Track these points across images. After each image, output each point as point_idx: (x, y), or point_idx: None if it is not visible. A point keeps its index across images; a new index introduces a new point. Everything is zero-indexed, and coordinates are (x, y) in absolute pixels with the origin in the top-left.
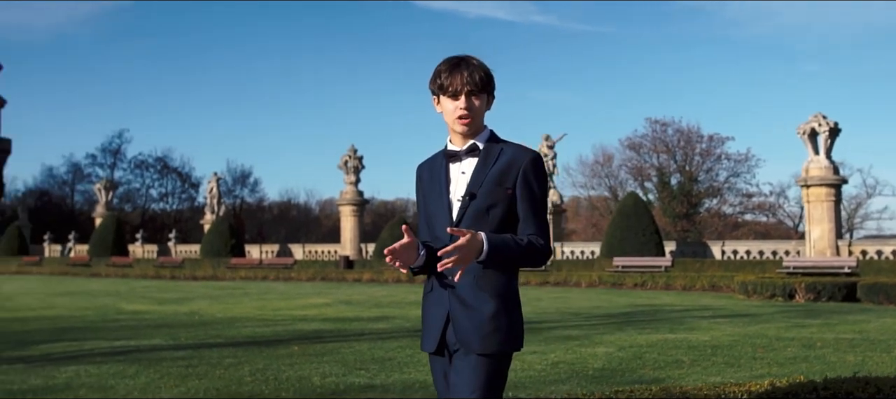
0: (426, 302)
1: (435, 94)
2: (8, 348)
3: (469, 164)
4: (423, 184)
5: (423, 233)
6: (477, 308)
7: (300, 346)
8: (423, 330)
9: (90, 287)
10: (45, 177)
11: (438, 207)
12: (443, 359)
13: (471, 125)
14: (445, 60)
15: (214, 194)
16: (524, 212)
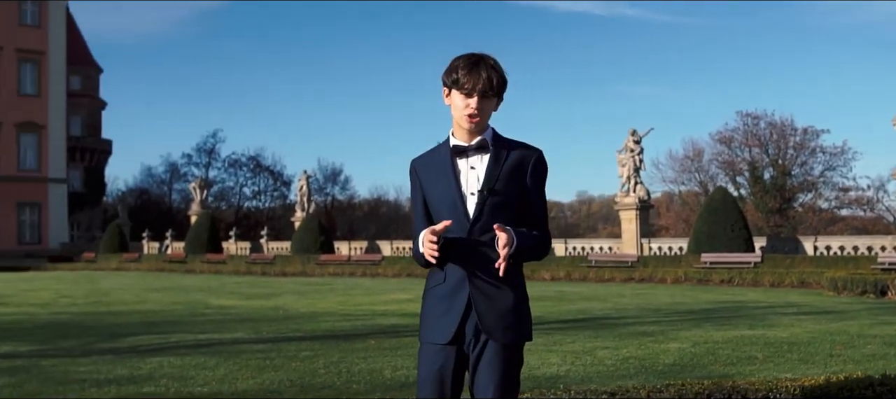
0: (435, 293)
1: (447, 86)
2: (100, 340)
3: (479, 159)
4: (426, 178)
5: (420, 226)
6: (500, 300)
7: (376, 340)
8: (429, 320)
9: (183, 283)
10: (145, 176)
11: (447, 201)
12: (451, 349)
13: (478, 125)
14: (464, 57)
15: (304, 192)
16: (532, 207)
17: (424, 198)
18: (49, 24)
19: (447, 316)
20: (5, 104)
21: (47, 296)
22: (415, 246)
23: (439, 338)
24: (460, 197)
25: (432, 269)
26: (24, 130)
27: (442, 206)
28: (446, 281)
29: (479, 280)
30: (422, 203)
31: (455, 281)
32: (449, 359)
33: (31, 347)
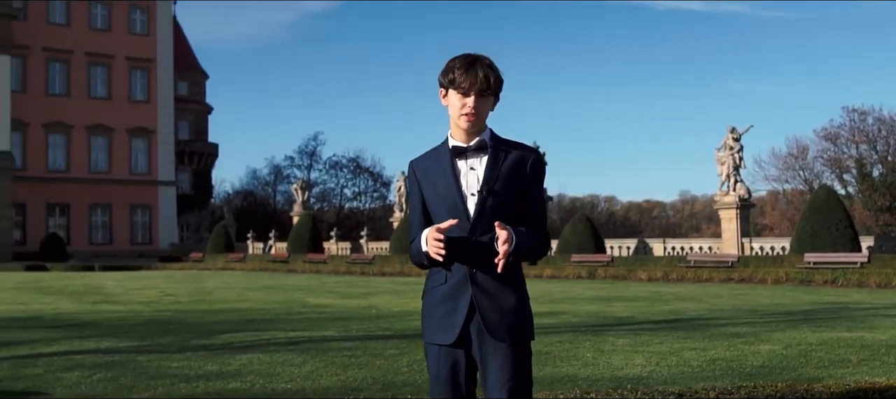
0: (436, 294)
1: (444, 87)
2: (197, 337)
3: (478, 160)
4: (425, 179)
5: (417, 227)
6: (503, 300)
7: None
8: (432, 321)
9: (284, 282)
10: (250, 178)
11: (447, 201)
12: (457, 351)
13: (475, 124)
14: (460, 57)
15: (402, 193)
16: (531, 208)
17: (423, 199)
18: (157, 33)
19: (451, 317)
20: (118, 110)
21: (153, 294)
22: (413, 246)
23: (444, 338)
24: (461, 197)
25: (432, 270)
26: (135, 135)
27: (442, 206)
28: (447, 281)
29: (482, 280)
30: (420, 204)
31: (456, 281)
32: (457, 359)
33: (131, 343)
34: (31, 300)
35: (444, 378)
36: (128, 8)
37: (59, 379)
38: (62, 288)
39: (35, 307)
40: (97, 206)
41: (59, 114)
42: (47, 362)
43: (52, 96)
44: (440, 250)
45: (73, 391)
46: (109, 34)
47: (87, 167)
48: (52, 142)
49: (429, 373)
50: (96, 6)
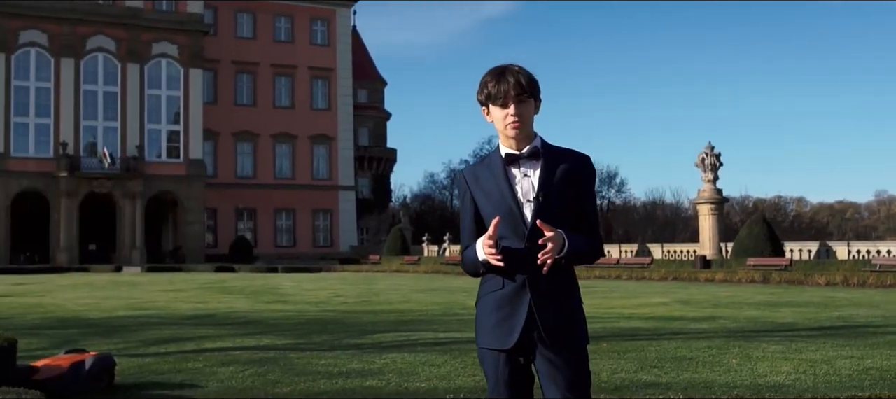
0: (493, 299)
1: (483, 104)
2: (350, 336)
3: (531, 166)
4: (477, 187)
5: (469, 236)
6: (560, 305)
7: (609, 344)
8: (488, 326)
9: (452, 284)
10: (427, 182)
11: (502, 209)
12: (515, 357)
13: (522, 129)
14: (489, 71)
15: None
16: (586, 213)
17: (475, 207)
18: (337, 43)
19: (508, 322)
20: (300, 119)
21: (324, 295)
22: (465, 254)
23: (501, 344)
24: (516, 204)
25: (487, 276)
26: (316, 142)
27: (496, 214)
28: (505, 287)
29: (539, 286)
30: (472, 213)
31: (514, 287)
32: (516, 365)
33: (288, 341)
34: (211, 299)
35: (503, 384)
36: (309, 20)
37: (214, 373)
38: (242, 288)
39: (212, 306)
40: (282, 211)
41: (247, 123)
42: (208, 357)
43: (240, 107)
44: (497, 258)
45: (223, 385)
46: (292, 46)
47: (273, 173)
48: (240, 149)
49: (486, 379)
50: (280, 19)
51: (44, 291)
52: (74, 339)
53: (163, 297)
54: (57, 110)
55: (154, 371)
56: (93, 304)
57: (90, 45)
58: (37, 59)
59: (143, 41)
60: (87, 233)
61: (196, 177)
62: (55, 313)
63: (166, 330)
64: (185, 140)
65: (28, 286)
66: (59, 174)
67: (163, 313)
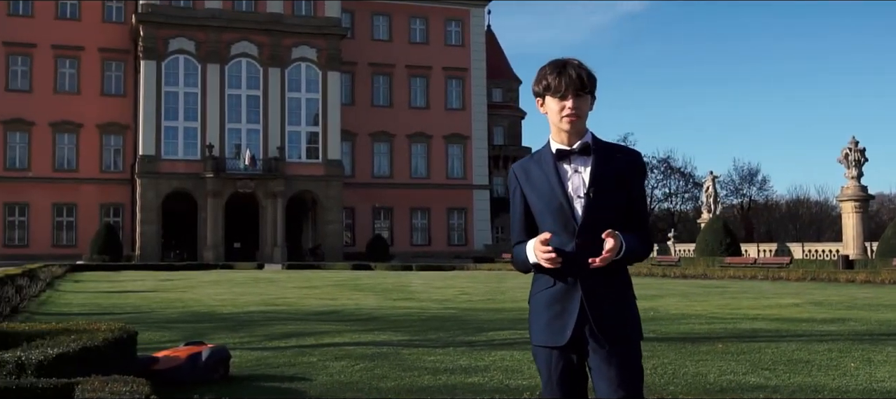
0: (544, 297)
1: (539, 95)
2: (465, 334)
3: (582, 162)
4: (528, 182)
5: (519, 231)
6: (612, 301)
7: (725, 345)
8: (541, 324)
9: None
10: None
11: (553, 204)
12: (568, 353)
13: (577, 124)
14: (550, 63)
15: (710, 193)
16: (636, 210)
17: (526, 203)
18: (471, 43)
19: (561, 319)
20: (435, 119)
21: (451, 293)
22: (515, 251)
23: (555, 341)
24: (567, 200)
25: (539, 274)
26: (451, 142)
27: (547, 209)
28: (556, 284)
29: (591, 283)
30: (522, 208)
31: (565, 284)
32: (568, 362)
33: (404, 337)
34: (341, 296)
35: (556, 381)
36: (444, 21)
37: (326, 367)
38: (373, 286)
39: (340, 303)
40: (417, 210)
41: (383, 124)
42: (324, 352)
43: (376, 108)
44: (552, 260)
45: (332, 379)
46: (427, 47)
47: (409, 173)
48: (376, 150)
49: (540, 376)
50: (415, 21)
51: (187, 287)
52: (204, 333)
53: (296, 293)
54: (203, 114)
55: (270, 364)
56: (229, 300)
57: (234, 51)
58: (185, 66)
59: (284, 46)
60: (232, 231)
61: (334, 177)
62: (192, 308)
63: (291, 325)
64: (324, 141)
65: (174, 282)
66: (206, 175)
67: (291, 309)
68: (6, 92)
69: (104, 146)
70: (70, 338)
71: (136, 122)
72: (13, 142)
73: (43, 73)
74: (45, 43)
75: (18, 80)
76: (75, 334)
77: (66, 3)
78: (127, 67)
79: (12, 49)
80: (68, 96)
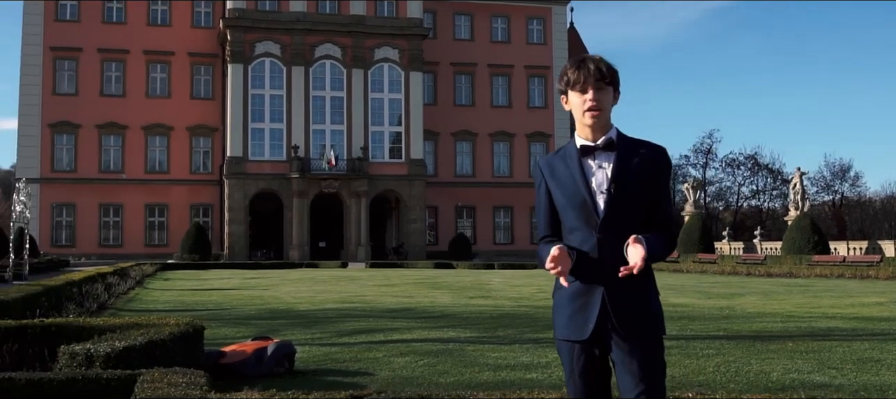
0: (566, 291)
1: (563, 92)
2: (534, 331)
3: (606, 158)
4: (552, 177)
5: (545, 226)
6: (634, 296)
7: (795, 343)
8: (563, 317)
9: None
10: None
11: (576, 200)
12: (591, 347)
13: (600, 118)
14: (571, 59)
15: (798, 190)
16: (660, 207)
17: (550, 198)
18: (553, 41)
19: (583, 312)
20: (517, 117)
21: (528, 291)
22: (540, 250)
23: (577, 335)
24: (590, 195)
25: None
26: (533, 140)
27: (570, 204)
28: (578, 279)
29: (612, 277)
30: (547, 202)
31: (589, 278)
32: (590, 355)
33: (472, 334)
34: (418, 294)
35: (578, 374)
36: (525, 19)
37: (390, 362)
38: (451, 284)
39: (416, 300)
40: (500, 209)
41: (466, 123)
42: (390, 348)
43: (458, 107)
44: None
45: (394, 374)
46: (509, 46)
47: (491, 172)
48: (459, 149)
49: (563, 369)
50: (497, 20)
51: (270, 285)
52: (278, 329)
53: (373, 291)
54: (289, 116)
55: (336, 359)
56: (307, 298)
57: (318, 53)
58: (271, 69)
59: (367, 47)
60: (318, 230)
61: (417, 176)
62: (270, 305)
63: (363, 322)
64: (407, 141)
65: (258, 280)
66: (292, 176)
67: (366, 306)
68: (101, 97)
69: (194, 148)
70: (139, 332)
71: (223, 124)
72: (107, 145)
73: (135, 78)
74: (138, 49)
75: (112, 85)
76: (144, 329)
77: (157, 9)
78: (215, 71)
79: (106, 55)
80: (159, 100)
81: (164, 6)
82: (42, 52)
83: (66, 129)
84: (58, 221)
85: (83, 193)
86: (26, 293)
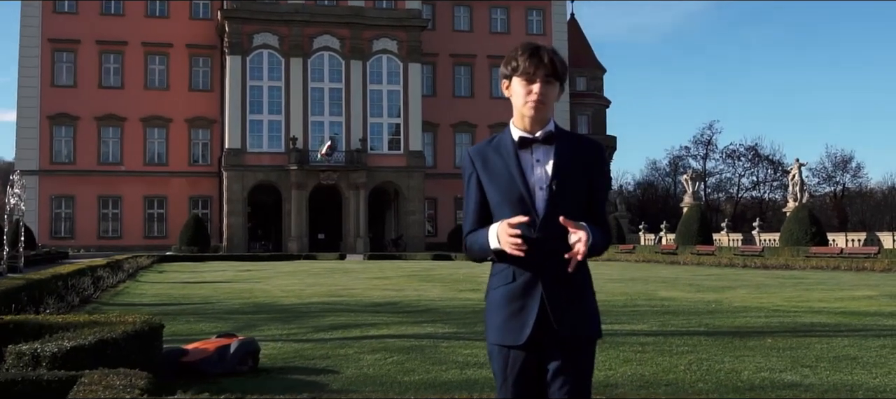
0: (502, 293)
1: (507, 77)
2: None
3: (544, 152)
4: (485, 169)
5: (473, 221)
6: (573, 298)
7: (774, 340)
8: (498, 321)
9: (654, 273)
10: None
11: (513, 195)
12: (526, 352)
13: (542, 111)
14: (522, 45)
15: (796, 181)
16: (596, 202)
17: (482, 191)
18: (552, 32)
19: (519, 316)
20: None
21: None
22: (469, 238)
23: (513, 340)
24: (527, 191)
25: (497, 267)
26: None
27: (506, 200)
28: (516, 280)
29: (552, 279)
30: (477, 196)
31: (525, 280)
32: (526, 361)
33: (450, 329)
34: (407, 287)
35: (512, 381)
36: (525, 10)
37: (359, 360)
38: (445, 276)
39: (404, 294)
40: None
41: (465, 114)
42: (363, 344)
43: (458, 98)
44: (519, 247)
45: (360, 372)
46: (508, 37)
47: None
48: (458, 140)
49: (494, 376)
50: (496, 11)
51: (262, 278)
52: (256, 324)
53: (364, 284)
54: (287, 107)
55: (306, 356)
56: (295, 291)
57: (316, 45)
58: (269, 60)
59: (365, 38)
60: (317, 222)
61: (416, 168)
62: (256, 299)
63: (344, 316)
64: (406, 132)
65: (252, 272)
66: (290, 167)
67: (352, 300)
68: (99, 89)
69: (192, 140)
70: (91, 331)
71: (222, 116)
72: (106, 137)
73: (134, 69)
74: (136, 41)
75: (111, 77)
76: (98, 327)
77: (155, 1)
78: (213, 63)
79: (105, 47)
80: (158, 92)
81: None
82: (40, 45)
83: (64, 120)
84: (57, 213)
85: (82, 185)
86: (6, 287)
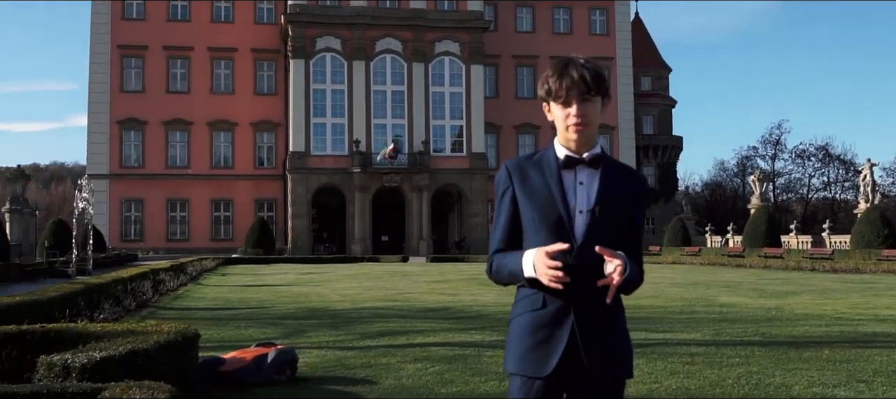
0: (529, 319)
1: (544, 100)
2: None
3: (589, 175)
4: (523, 186)
5: (501, 239)
6: (606, 332)
7: (832, 350)
8: (521, 350)
9: (718, 277)
10: (718, 171)
11: (551, 217)
12: (550, 384)
13: (585, 132)
14: (552, 63)
15: (867, 182)
16: (633, 237)
17: (515, 208)
18: (616, 32)
19: (546, 346)
20: None
21: None
22: (496, 259)
23: (537, 371)
24: (567, 213)
25: (524, 291)
26: (600, 132)
27: (543, 222)
28: (545, 306)
29: (585, 310)
30: (510, 213)
31: (556, 308)
32: (549, 393)
33: (497, 337)
34: (463, 292)
35: None
36: (588, 10)
37: (399, 369)
38: None
39: (458, 299)
40: None
41: (528, 115)
42: (407, 353)
43: (520, 99)
44: (558, 279)
45: (398, 382)
46: (571, 37)
47: None
48: (522, 142)
49: None
50: (558, 11)
51: (322, 281)
52: (305, 330)
53: (422, 288)
54: (350, 110)
55: (347, 365)
56: (351, 296)
57: (379, 48)
58: (332, 64)
59: (427, 41)
60: (380, 224)
61: (479, 170)
62: (310, 304)
63: (393, 322)
64: (468, 134)
65: (312, 276)
66: (353, 170)
67: (405, 305)
68: (166, 94)
69: (257, 143)
70: (125, 341)
71: (286, 119)
72: (174, 141)
73: (200, 74)
74: (202, 46)
75: (178, 82)
76: (133, 337)
77: (220, 6)
78: (277, 67)
79: (172, 53)
80: (223, 96)
81: (227, 3)
82: (109, 51)
83: (133, 125)
84: (127, 216)
85: (151, 189)
86: (64, 292)
